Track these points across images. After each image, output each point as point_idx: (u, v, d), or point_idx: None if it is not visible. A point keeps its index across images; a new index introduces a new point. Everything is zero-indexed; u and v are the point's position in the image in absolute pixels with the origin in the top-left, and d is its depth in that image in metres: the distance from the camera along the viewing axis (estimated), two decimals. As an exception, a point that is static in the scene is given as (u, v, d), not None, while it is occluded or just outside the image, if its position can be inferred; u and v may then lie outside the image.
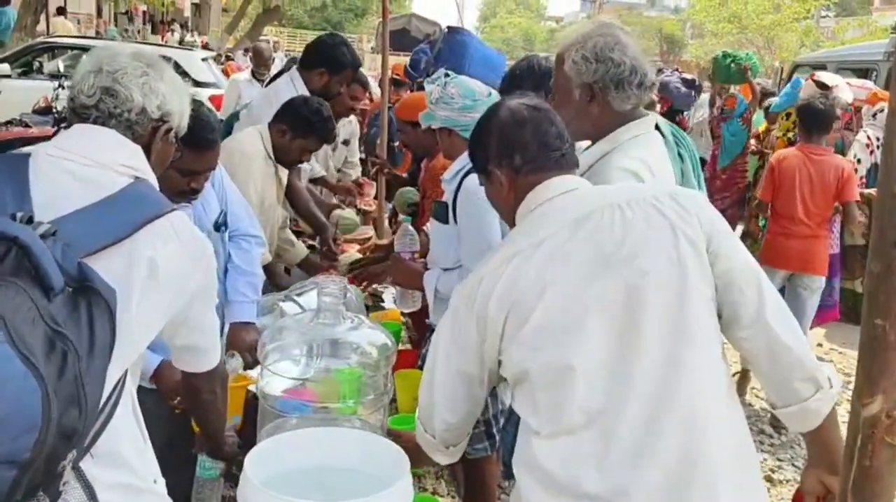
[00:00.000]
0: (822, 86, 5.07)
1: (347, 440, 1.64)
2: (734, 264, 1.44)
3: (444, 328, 1.56)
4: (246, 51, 19.01)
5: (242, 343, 2.38)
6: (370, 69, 15.93)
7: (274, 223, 3.22)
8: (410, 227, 2.85)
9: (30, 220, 1.24)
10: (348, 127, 4.96)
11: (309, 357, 1.80)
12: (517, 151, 1.56)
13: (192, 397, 1.74)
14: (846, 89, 5.62)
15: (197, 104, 1.97)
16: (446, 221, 2.41)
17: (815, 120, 4.33)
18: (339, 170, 5.09)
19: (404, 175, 4.75)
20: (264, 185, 3.09)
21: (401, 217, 3.39)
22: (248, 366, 2.28)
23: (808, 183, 4.20)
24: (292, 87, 3.56)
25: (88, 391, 1.19)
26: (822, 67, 8.81)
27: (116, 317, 1.25)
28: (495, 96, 2.46)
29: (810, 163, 4.22)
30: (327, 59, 3.62)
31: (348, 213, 3.98)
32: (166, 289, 1.41)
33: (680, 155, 2.01)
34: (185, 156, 2.08)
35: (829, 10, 34.30)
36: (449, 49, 3.68)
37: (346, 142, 5.03)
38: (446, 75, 2.49)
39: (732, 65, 6.93)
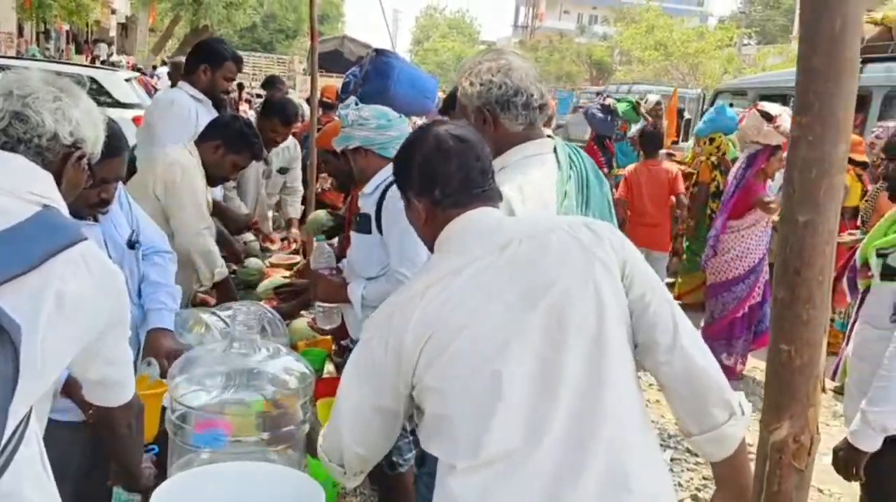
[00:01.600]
0: (767, 115, 5.25)
1: (262, 475, 1.58)
2: (647, 290, 1.45)
3: (354, 364, 1.52)
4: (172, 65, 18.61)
5: (160, 349, 2.28)
6: (301, 91, 15.83)
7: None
8: (326, 246, 2.86)
9: None
10: (285, 154, 4.91)
11: (223, 388, 1.73)
12: (438, 185, 1.53)
13: (107, 431, 1.66)
14: (788, 119, 5.83)
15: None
16: (369, 232, 2.50)
17: (650, 142, 6.32)
18: (276, 194, 5.04)
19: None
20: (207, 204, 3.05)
21: (315, 237, 3.38)
22: (165, 373, 2.20)
23: (648, 185, 6.07)
24: (179, 89, 3.64)
25: None
26: (743, 94, 9.15)
27: (21, 352, 1.20)
28: (405, 119, 2.54)
29: (649, 173, 6.13)
30: (207, 56, 3.74)
31: (253, 262, 3.89)
32: (76, 323, 1.35)
33: (571, 177, 2.04)
34: (98, 165, 2.05)
35: (750, 39, 35.70)
36: (375, 70, 3.69)
37: (282, 171, 4.96)
38: (356, 103, 2.63)
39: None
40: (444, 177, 1.52)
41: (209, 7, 23.39)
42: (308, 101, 6.39)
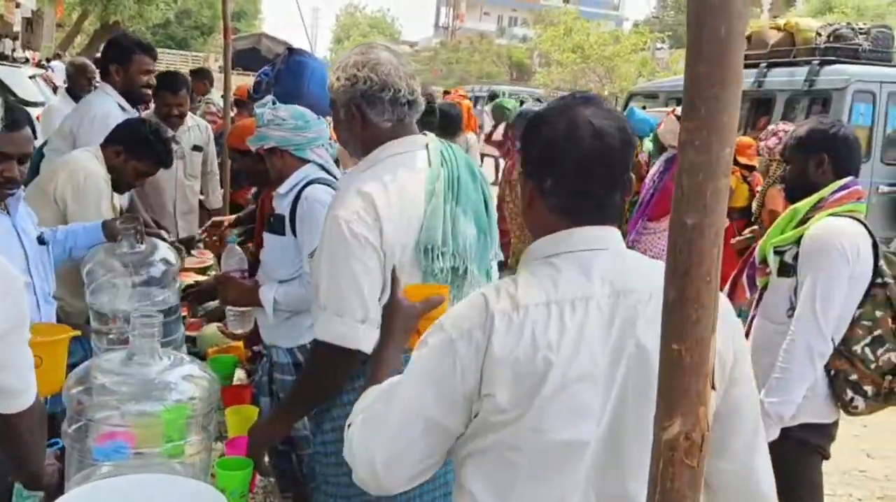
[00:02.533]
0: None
1: (164, 486, 1.52)
2: (745, 392, 1.35)
3: (424, 364, 1.30)
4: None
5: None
6: (217, 89, 15.51)
7: None
8: (237, 247, 2.80)
9: None
10: (195, 132, 4.82)
11: (122, 399, 1.67)
12: (551, 176, 1.32)
13: (7, 438, 1.59)
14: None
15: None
16: (283, 233, 2.45)
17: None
18: (196, 177, 4.92)
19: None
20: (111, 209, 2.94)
21: (226, 240, 3.31)
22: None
23: None
24: (104, 94, 3.51)
25: None
26: (654, 96, 9.41)
27: None
28: (323, 121, 2.49)
29: None
30: (114, 54, 3.65)
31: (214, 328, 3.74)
32: None
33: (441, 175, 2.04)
34: None
35: (663, 43, 36.74)
36: (288, 69, 3.64)
37: (197, 149, 4.85)
38: (273, 102, 2.57)
39: (505, 109, 8.51)
40: (560, 172, 1.31)
41: (120, 2, 22.59)
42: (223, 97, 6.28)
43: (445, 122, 4.92)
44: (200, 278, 3.66)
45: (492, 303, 1.26)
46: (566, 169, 1.30)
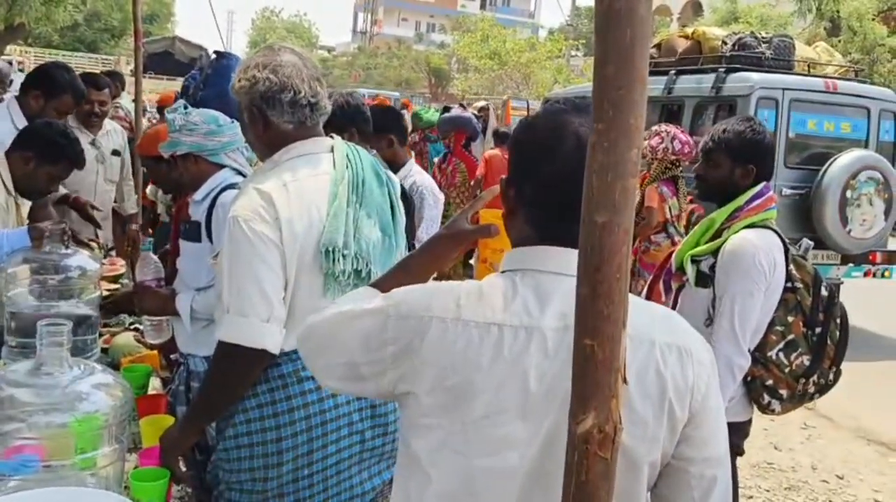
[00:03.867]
0: None
1: (76, 499, 1.47)
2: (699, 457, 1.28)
3: (364, 320, 1.26)
4: None
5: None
6: (129, 93, 15.06)
7: None
8: (152, 255, 2.73)
9: None
10: (113, 137, 4.69)
11: (30, 410, 1.60)
12: (530, 184, 1.26)
13: None
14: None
15: None
16: (198, 240, 2.41)
17: (504, 136, 6.96)
18: (114, 182, 4.78)
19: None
20: (3, 225, 2.78)
21: (140, 247, 3.20)
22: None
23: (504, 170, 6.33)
24: (6, 111, 3.33)
25: None
26: (570, 102, 9.62)
27: None
28: (236, 124, 2.46)
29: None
30: (42, 82, 3.49)
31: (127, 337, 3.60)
32: None
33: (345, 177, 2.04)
34: None
35: (578, 51, 37.52)
36: (216, 74, 3.58)
37: (116, 153, 4.72)
38: (185, 107, 2.52)
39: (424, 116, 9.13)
40: (540, 181, 1.25)
41: (25, 2, 21.63)
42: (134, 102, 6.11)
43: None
44: (113, 286, 3.55)
45: (436, 306, 1.23)
46: (546, 178, 1.24)
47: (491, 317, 1.20)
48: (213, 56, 4.00)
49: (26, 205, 3.02)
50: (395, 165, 3.52)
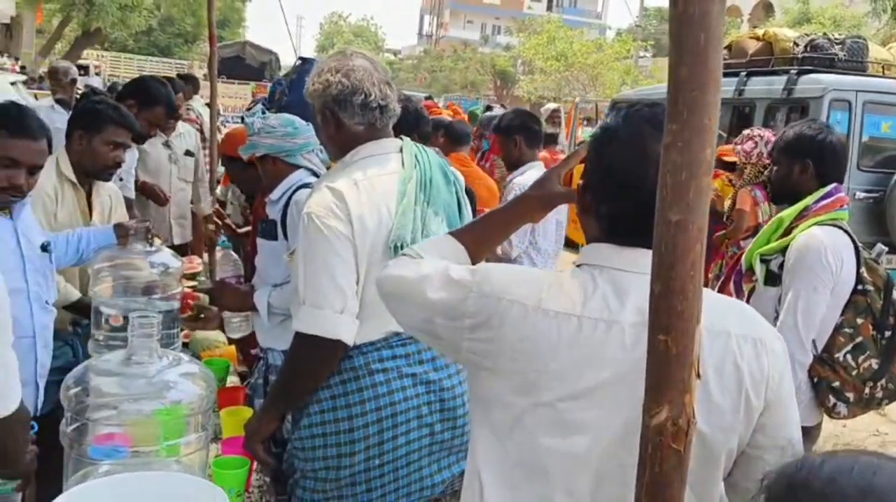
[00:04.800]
0: None
1: (159, 484, 1.55)
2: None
3: (451, 288, 1.32)
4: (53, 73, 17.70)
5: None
6: (202, 96, 15.52)
7: None
8: (231, 252, 2.83)
9: None
10: (186, 138, 4.89)
11: (121, 398, 1.70)
12: (608, 202, 1.30)
13: None
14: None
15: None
16: (275, 238, 2.51)
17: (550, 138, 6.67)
18: (189, 182, 4.98)
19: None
20: (50, 216, 2.84)
21: (217, 243, 3.30)
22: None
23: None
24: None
25: None
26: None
27: None
28: (311, 127, 2.59)
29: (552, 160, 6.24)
30: (140, 93, 3.71)
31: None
32: None
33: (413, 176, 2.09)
34: (5, 142, 2.08)
35: (646, 51, 37.01)
36: (299, 78, 3.72)
37: (189, 153, 4.91)
38: (263, 111, 2.65)
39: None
40: (619, 203, 1.28)
41: (102, 8, 22.47)
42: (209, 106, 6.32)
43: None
44: (190, 284, 3.68)
45: (519, 292, 1.27)
46: (625, 201, 1.27)
47: (571, 308, 1.25)
48: (298, 62, 4.14)
49: (98, 192, 3.08)
50: None
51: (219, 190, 5.22)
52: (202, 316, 2.79)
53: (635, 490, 0.97)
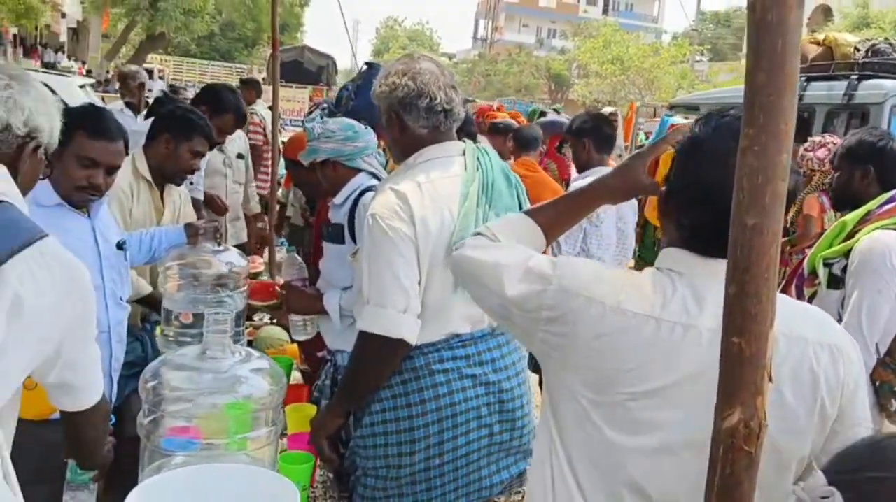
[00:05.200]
0: None
1: (233, 476, 1.60)
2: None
3: (533, 270, 1.34)
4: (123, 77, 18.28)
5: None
6: (264, 101, 15.85)
7: None
8: (296, 256, 2.88)
9: None
10: (238, 142, 5.01)
11: (195, 392, 1.76)
12: (690, 215, 1.30)
13: (71, 432, 1.64)
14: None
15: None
16: (341, 242, 2.54)
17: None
18: (241, 184, 5.10)
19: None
20: (126, 212, 2.94)
21: (283, 249, 3.35)
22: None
23: None
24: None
25: None
26: (696, 109, 9.40)
27: None
28: (370, 130, 2.65)
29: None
30: (212, 100, 3.83)
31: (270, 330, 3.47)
32: (35, 327, 1.29)
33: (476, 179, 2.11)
34: (84, 143, 2.18)
35: (703, 56, 36.47)
36: (365, 83, 3.79)
37: (240, 156, 5.03)
38: (321, 116, 2.63)
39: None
40: (701, 217, 1.27)
41: (166, 13, 23.11)
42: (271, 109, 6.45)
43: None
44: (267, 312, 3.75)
45: (599, 290, 1.28)
46: (707, 214, 1.24)
47: (650, 310, 1.26)
48: (364, 67, 4.20)
49: (171, 194, 3.17)
50: None
51: (280, 192, 5.32)
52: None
53: (705, 491, 0.98)
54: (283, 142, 4.49)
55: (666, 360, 1.24)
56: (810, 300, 2.83)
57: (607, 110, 9.64)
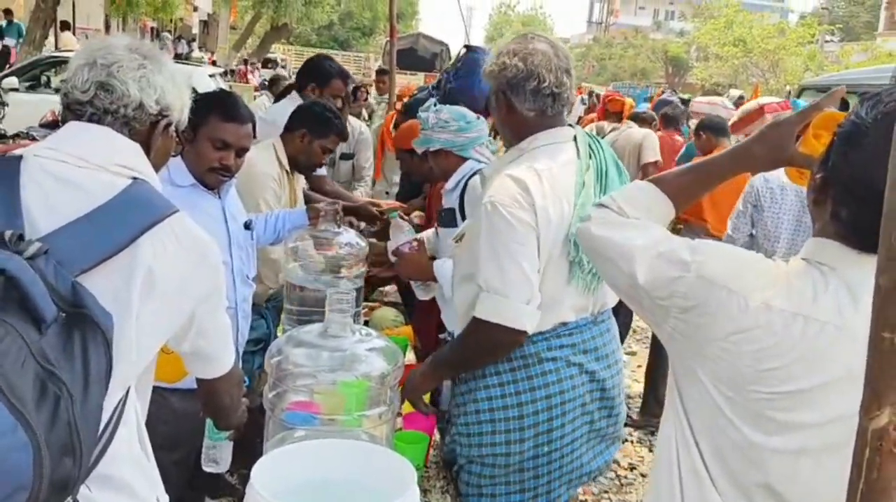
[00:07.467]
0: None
1: (353, 452, 1.63)
2: None
3: (671, 257, 1.26)
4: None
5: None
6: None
7: None
8: (401, 222, 2.94)
9: (20, 238, 1.15)
10: (350, 141, 5.03)
11: (316, 369, 1.81)
12: (849, 206, 1.18)
13: (207, 402, 1.73)
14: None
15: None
16: (455, 225, 2.55)
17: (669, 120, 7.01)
18: (343, 182, 5.18)
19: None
20: (278, 199, 3.12)
21: (388, 215, 3.35)
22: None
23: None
24: (290, 103, 3.71)
25: (83, 436, 1.11)
26: (826, 91, 8.92)
27: (114, 340, 1.19)
28: (482, 120, 2.66)
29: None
30: (315, 74, 3.89)
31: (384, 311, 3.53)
32: (168, 299, 1.34)
33: (590, 167, 2.05)
34: (217, 126, 2.31)
35: (833, 36, 34.51)
36: (465, 67, 3.79)
37: (345, 157, 5.06)
38: (435, 105, 2.73)
39: None
40: (862, 211, 1.15)
41: (289, 4, 23.86)
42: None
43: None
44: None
45: (742, 283, 1.20)
46: (867, 209, 1.11)
47: (798, 307, 1.17)
48: (463, 50, 4.19)
49: (299, 183, 3.34)
50: None
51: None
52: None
53: (847, 495, 0.92)
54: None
55: (813, 361, 1.16)
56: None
57: (735, 93, 9.23)
